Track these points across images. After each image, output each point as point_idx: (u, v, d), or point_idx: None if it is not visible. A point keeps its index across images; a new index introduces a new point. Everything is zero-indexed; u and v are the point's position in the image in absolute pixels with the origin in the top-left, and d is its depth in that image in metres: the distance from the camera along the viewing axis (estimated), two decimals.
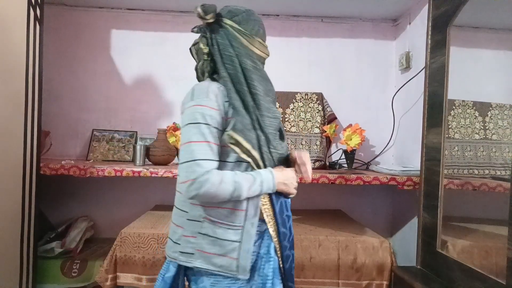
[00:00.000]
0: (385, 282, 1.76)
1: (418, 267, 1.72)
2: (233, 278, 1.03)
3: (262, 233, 1.12)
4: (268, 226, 1.10)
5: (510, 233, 1.16)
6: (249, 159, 1.02)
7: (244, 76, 1.05)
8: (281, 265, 1.11)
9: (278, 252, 1.11)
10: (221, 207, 1.02)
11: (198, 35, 1.14)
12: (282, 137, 1.16)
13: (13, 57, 1.68)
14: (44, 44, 1.88)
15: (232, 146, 1.00)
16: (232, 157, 1.02)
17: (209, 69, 1.10)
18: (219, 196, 0.96)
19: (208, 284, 1.03)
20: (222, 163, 1.01)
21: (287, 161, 1.18)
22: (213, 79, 1.10)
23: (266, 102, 1.08)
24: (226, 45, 1.07)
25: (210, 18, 1.06)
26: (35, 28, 1.80)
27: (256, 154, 1.03)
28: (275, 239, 1.11)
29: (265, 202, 1.09)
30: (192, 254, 1.02)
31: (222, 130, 1.01)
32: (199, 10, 1.05)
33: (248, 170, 1.04)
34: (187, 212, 1.05)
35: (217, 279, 1.03)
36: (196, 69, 1.14)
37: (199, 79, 1.14)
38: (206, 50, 1.09)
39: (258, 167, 1.04)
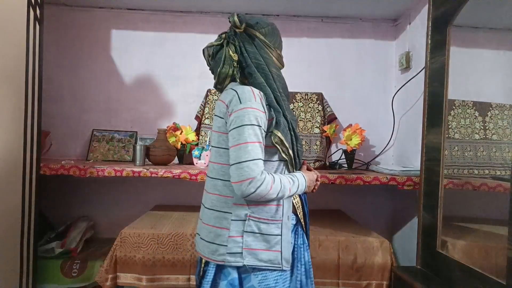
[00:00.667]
0: (385, 282, 1.76)
1: (418, 267, 1.71)
2: (279, 271, 1.09)
3: (295, 225, 1.23)
4: (300, 217, 1.24)
5: (510, 233, 1.16)
6: (287, 158, 1.12)
7: (275, 83, 1.13)
8: None
9: None
10: (267, 205, 1.10)
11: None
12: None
13: (13, 57, 1.68)
14: (44, 44, 1.88)
15: (277, 146, 1.08)
16: (275, 157, 1.12)
17: (239, 75, 1.15)
18: (270, 195, 1.03)
19: (256, 283, 1.06)
20: (266, 162, 1.09)
21: None
22: (243, 84, 1.14)
23: (289, 107, 1.19)
24: (255, 53, 1.15)
25: (243, 28, 1.13)
26: (35, 28, 1.80)
27: (291, 153, 1.13)
28: (304, 229, 1.25)
29: (295, 196, 1.23)
30: (241, 253, 1.06)
31: (266, 132, 1.09)
32: (236, 19, 1.12)
33: (285, 169, 1.16)
34: (230, 213, 1.09)
35: (265, 274, 1.08)
36: (219, 73, 1.15)
37: (221, 83, 1.17)
38: (236, 57, 1.14)
39: (292, 165, 1.15)
